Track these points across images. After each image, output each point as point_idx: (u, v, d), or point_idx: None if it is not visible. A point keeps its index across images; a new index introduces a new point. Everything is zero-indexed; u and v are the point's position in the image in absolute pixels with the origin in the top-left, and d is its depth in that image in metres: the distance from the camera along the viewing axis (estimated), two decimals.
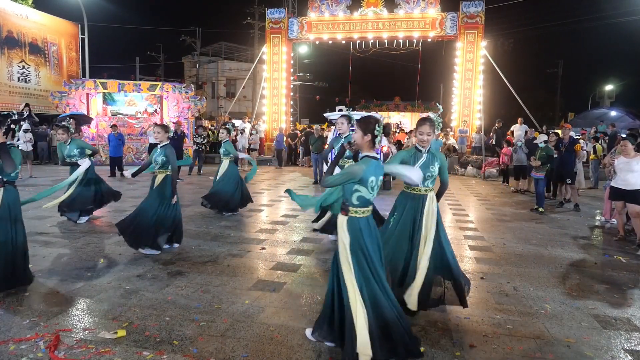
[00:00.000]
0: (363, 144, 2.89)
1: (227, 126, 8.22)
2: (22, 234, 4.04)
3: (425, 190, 3.58)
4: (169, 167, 5.26)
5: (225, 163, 7.66)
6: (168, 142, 5.38)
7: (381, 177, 2.93)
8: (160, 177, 5.27)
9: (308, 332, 3.21)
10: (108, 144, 13.88)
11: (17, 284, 3.98)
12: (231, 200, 7.52)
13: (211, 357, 2.92)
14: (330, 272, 3.00)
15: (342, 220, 2.89)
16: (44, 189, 6.28)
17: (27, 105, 14.75)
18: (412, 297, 3.38)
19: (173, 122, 14.81)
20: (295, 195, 3.48)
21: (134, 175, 5.40)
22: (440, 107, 4.10)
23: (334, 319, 2.92)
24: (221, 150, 7.74)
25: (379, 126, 2.85)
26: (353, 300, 2.74)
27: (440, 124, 3.70)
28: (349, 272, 2.81)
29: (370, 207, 2.93)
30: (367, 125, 2.85)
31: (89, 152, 6.94)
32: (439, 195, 3.75)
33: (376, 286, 2.82)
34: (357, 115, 11.19)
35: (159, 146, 5.34)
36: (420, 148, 3.59)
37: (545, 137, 8.95)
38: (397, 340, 2.74)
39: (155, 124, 5.52)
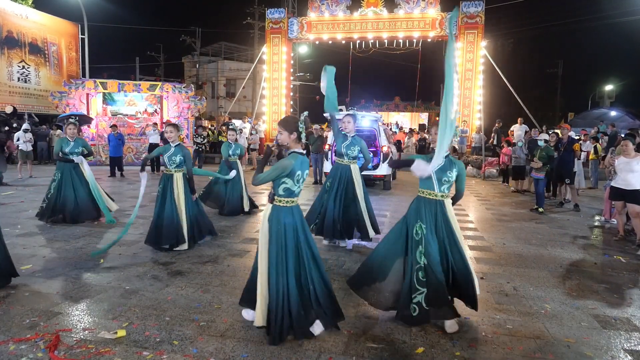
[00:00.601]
0: (291, 142, 3.21)
1: (232, 127, 8.25)
2: None
3: (442, 196, 3.46)
4: (184, 167, 5.43)
5: (239, 165, 7.75)
6: (179, 141, 5.50)
7: (306, 171, 3.25)
8: (178, 176, 5.39)
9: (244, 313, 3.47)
10: (108, 144, 13.88)
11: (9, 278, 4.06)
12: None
13: (211, 357, 2.92)
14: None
15: (268, 209, 3.24)
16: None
17: (14, 109, 14.60)
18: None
19: (163, 123, 14.76)
20: None
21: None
22: (458, 113, 4.04)
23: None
24: (237, 152, 7.72)
25: (301, 123, 3.18)
26: (259, 277, 3.15)
27: (456, 131, 3.61)
28: (263, 251, 3.18)
29: (296, 199, 3.25)
30: (290, 125, 3.19)
31: (85, 151, 6.97)
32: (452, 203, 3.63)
33: (285, 270, 3.13)
34: (358, 114, 11.20)
35: (172, 145, 5.39)
36: None
37: (546, 136, 8.95)
38: (294, 319, 3.10)
39: (167, 123, 5.62)
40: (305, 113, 3.33)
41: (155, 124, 15.16)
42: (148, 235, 5.39)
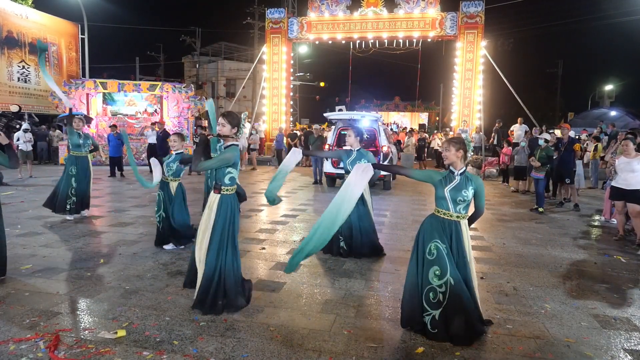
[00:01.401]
0: (231, 135, 3.55)
1: None
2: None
3: (458, 217, 3.26)
4: (180, 176, 5.53)
5: None
6: (183, 150, 5.55)
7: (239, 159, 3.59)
8: (173, 185, 5.47)
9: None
10: (108, 144, 13.88)
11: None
12: None
13: (211, 357, 2.92)
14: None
15: (215, 197, 3.52)
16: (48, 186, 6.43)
17: (19, 108, 14.48)
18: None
19: (153, 123, 14.62)
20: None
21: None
22: (467, 132, 3.85)
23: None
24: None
25: (243, 120, 3.59)
26: (200, 257, 3.52)
27: (471, 145, 3.44)
28: (207, 232, 3.47)
29: (235, 186, 3.61)
30: (234, 119, 3.56)
31: (92, 147, 7.24)
32: (470, 221, 3.40)
33: (228, 251, 3.52)
34: (356, 115, 11.20)
35: (174, 152, 5.46)
36: (452, 169, 3.31)
37: (547, 136, 8.94)
38: (230, 291, 3.52)
39: (175, 133, 5.68)
40: (246, 113, 3.54)
41: (154, 123, 15.12)
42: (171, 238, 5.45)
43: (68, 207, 6.88)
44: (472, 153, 3.41)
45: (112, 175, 12.94)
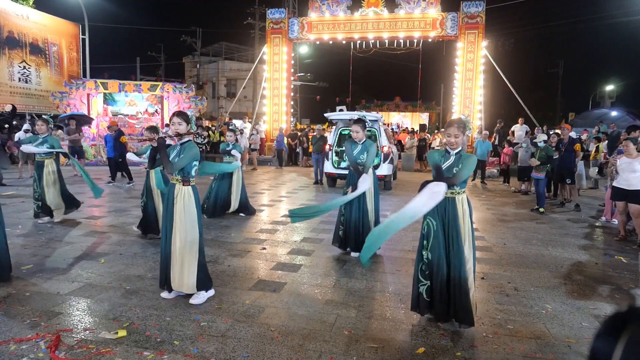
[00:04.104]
0: (187, 132, 3.81)
1: (232, 127, 8.29)
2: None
3: (452, 193, 3.37)
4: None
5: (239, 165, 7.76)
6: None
7: None
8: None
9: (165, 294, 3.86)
10: (105, 145, 13.85)
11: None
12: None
13: (212, 357, 2.92)
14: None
15: (188, 189, 3.74)
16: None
17: (13, 107, 14.22)
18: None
19: (109, 124, 14.28)
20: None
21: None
22: (468, 120, 3.78)
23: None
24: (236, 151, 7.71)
25: (191, 117, 3.89)
26: (190, 247, 3.70)
27: (470, 125, 3.63)
28: (194, 222, 3.72)
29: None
30: (187, 117, 3.85)
31: (60, 151, 6.83)
32: (448, 179, 3.38)
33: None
34: (357, 115, 11.19)
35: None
36: (449, 150, 3.50)
37: (545, 137, 8.94)
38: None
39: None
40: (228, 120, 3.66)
41: (109, 127, 14.40)
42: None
43: (34, 210, 6.68)
44: (469, 133, 3.53)
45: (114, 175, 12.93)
